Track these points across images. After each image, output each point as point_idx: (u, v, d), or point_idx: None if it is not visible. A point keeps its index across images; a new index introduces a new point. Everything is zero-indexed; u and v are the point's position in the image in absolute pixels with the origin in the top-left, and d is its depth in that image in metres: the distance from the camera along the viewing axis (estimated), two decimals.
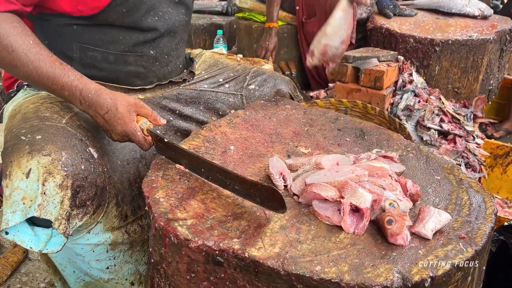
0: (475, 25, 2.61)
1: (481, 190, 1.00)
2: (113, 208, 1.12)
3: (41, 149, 0.97)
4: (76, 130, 1.07)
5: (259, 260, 0.78)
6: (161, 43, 1.32)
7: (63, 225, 0.96)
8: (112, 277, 1.23)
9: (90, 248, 1.14)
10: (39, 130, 1.02)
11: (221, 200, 0.95)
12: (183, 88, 1.42)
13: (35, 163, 0.95)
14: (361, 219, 0.86)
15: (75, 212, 0.99)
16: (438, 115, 2.26)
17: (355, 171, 0.93)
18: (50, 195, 0.94)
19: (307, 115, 1.35)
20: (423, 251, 0.81)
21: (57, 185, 0.95)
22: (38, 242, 0.98)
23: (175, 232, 0.84)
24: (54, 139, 1.00)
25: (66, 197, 0.96)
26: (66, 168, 0.97)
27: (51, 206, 0.94)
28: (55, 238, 0.99)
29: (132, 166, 1.21)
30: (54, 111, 1.11)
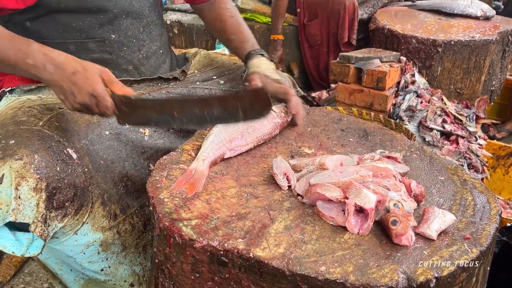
0: (478, 26, 2.61)
1: (485, 191, 1.00)
2: (99, 208, 1.11)
3: (13, 154, 0.96)
4: (54, 131, 1.06)
5: (264, 260, 0.78)
6: (122, 25, 1.27)
7: (39, 228, 0.95)
8: (109, 279, 1.22)
9: (80, 250, 1.13)
10: (13, 135, 1.01)
11: (225, 200, 0.95)
12: (173, 86, 1.39)
13: (7, 168, 0.94)
14: (366, 220, 0.86)
15: (54, 214, 0.98)
16: (440, 116, 2.26)
17: (359, 172, 0.93)
18: (25, 198, 0.94)
19: (310, 116, 1.35)
20: (428, 252, 0.81)
21: (31, 189, 0.95)
22: (20, 246, 0.98)
23: (179, 232, 0.84)
24: (27, 143, 0.99)
25: (41, 199, 0.96)
26: (39, 171, 0.96)
27: (28, 209, 0.94)
28: (36, 241, 1.00)
29: (118, 165, 1.20)
30: (31, 115, 1.10)
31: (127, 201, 1.20)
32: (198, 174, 0.98)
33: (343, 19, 2.67)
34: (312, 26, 2.82)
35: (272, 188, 1.00)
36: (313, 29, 2.81)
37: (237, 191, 0.98)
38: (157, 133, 1.32)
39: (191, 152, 1.11)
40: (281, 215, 0.91)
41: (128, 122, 1.06)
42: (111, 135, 1.20)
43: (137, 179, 1.22)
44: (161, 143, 1.33)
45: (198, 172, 0.99)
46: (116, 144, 1.21)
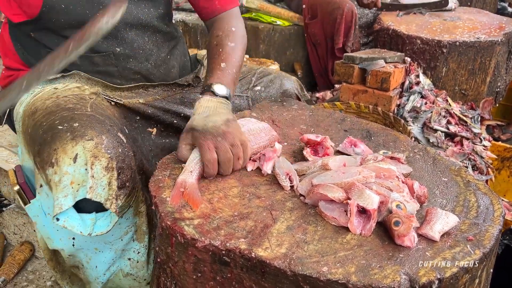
0: (483, 27, 2.60)
1: (488, 192, 0.99)
2: (140, 192, 1.15)
3: (83, 135, 1.00)
4: (103, 117, 1.10)
5: (266, 260, 0.78)
6: (127, 38, 1.25)
7: (114, 205, 1.00)
8: (132, 273, 1.23)
9: (120, 236, 1.15)
10: (72, 119, 1.05)
11: (227, 200, 0.95)
12: (187, 92, 1.41)
13: (80, 148, 0.98)
14: (368, 221, 0.86)
15: (118, 193, 1.02)
16: (445, 117, 2.25)
17: (362, 173, 0.93)
18: (98, 177, 0.98)
19: (314, 116, 1.35)
20: (431, 253, 0.81)
21: (103, 168, 0.99)
22: (85, 226, 1.02)
23: (182, 231, 0.84)
24: (91, 125, 1.03)
25: (113, 178, 1.00)
26: (109, 151, 1.00)
27: (99, 188, 0.98)
28: (100, 221, 1.03)
29: (138, 158, 1.22)
30: (74, 103, 1.14)
31: (145, 193, 1.22)
32: (190, 187, 0.94)
33: (339, 25, 2.66)
34: (313, 25, 2.81)
35: (274, 188, 1.00)
36: (314, 27, 2.81)
37: (240, 190, 0.98)
38: (165, 132, 1.35)
39: None
40: (283, 215, 0.91)
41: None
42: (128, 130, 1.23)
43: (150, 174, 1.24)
44: (168, 142, 1.35)
45: (189, 185, 0.94)
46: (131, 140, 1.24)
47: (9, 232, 1.81)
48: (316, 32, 2.80)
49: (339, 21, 2.65)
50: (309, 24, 2.85)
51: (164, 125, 1.36)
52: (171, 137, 1.38)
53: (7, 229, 1.81)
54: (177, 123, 1.37)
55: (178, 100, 1.38)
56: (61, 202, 0.97)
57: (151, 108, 1.32)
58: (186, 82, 1.42)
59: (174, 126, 1.37)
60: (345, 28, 2.67)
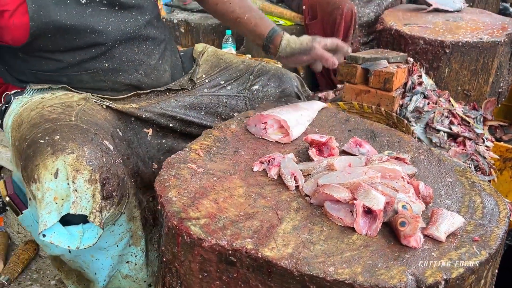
0: (486, 27, 2.60)
1: (494, 193, 0.99)
2: (132, 197, 1.15)
3: (63, 148, 0.98)
4: (87, 125, 1.09)
5: (272, 260, 0.78)
6: (115, 54, 1.24)
7: (98, 218, 0.99)
8: (130, 275, 1.23)
9: (114, 242, 1.15)
10: (54, 131, 1.03)
11: (233, 199, 0.95)
12: (181, 95, 1.39)
13: (61, 163, 0.96)
14: (374, 221, 0.86)
15: (104, 204, 1.01)
16: (447, 118, 2.25)
17: (368, 173, 0.93)
18: (81, 191, 0.97)
19: (318, 116, 1.35)
20: (437, 254, 0.81)
21: (86, 181, 0.97)
22: (73, 240, 1.01)
23: (188, 231, 0.84)
24: (72, 137, 1.02)
25: (97, 190, 0.99)
26: (91, 163, 0.99)
27: (84, 201, 0.97)
28: (88, 233, 1.02)
29: (132, 161, 1.22)
30: (59, 112, 1.12)
31: (139, 195, 1.22)
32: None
33: (339, 25, 2.66)
34: (314, 26, 2.81)
35: (279, 188, 1.00)
36: (314, 28, 2.80)
37: (245, 190, 0.98)
38: (161, 132, 1.33)
39: (199, 152, 1.11)
40: (289, 215, 0.91)
41: None
42: (122, 132, 1.22)
43: (146, 175, 1.24)
44: (164, 142, 1.35)
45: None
46: (126, 142, 1.23)
47: (13, 231, 1.81)
48: (317, 33, 2.80)
49: (339, 21, 2.65)
50: (309, 25, 2.85)
51: (159, 126, 1.35)
52: (167, 137, 1.36)
53: (11, 228, 1.81)
54: (173, 126, 1.35)
55: (173, 104, 1.35)
56: (45, 219, 0.96)
57: (145, 112, 1.30)
58: (180, 86, 1.39)
59: (172, 129, 1.36)
60: (345, 28, 2.67)
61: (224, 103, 1.41)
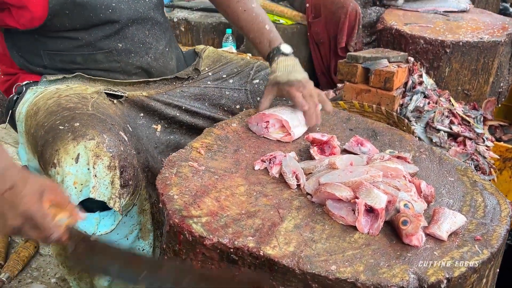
0: (486, 27, 2.60)
1: (495, 192, 0.99)
2: (143, 190, 1.15)
3: (84, 135, 1.00)
4: (104, 116, 1.10)
5: (274, 259, 0.78)
6: (128, 33, 1.28)
7: (118, 203, 1.00)
8: None
9: (125, 234, 1.15)
10: (73, 119, 1.05)
11: (234, 198, 0.95)
12: (187, 86, 1.42)
13: (82, 148, 0.98)
14: (376, 220, 0.86)
15: (122, 191, 1.02)
16: (447, 117, 2.25)
17: (370, 172, 0.93)
18: (101, 176, 0.98)
19: None
20: (439, 253, 0.81)
21: (105, 167, 0.99)
22: (90, 226, 1.01)
23: (189, 229, 0.84)
24: (92, 124, 1.03)
25: (116, 176, 1.00)
26: (111, 150, 1.00)
27: (102, 187, 0.98)
28: (104, 220, 1.03)
29: (142, 156, 1.23)
30: (75, 102, 1.14)
31: (149, 190, 1.22)
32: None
33: (343, 24, 2.66)
34: (316, 24, 2.81)
35: (281, 187, 1.00)
36: (317, 27, 2.80)
37: (246, 189, 0.98)
38: (169, 128, 1.36)
39: (200, 150, 1.11)
40: (290, 213, 0.91)
41: (80, 265, 0.89)
42: (131, 128, 1.23)
43: (156, 171, 1.26)
44: (172, 138, 1.36)
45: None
46: (137, 137, 1.24)
47: None
48: (320, 31, 2.80)
49: (343, 21, 2.65)
50: (312, 23, 2.84)
51: (167, 121, 1.37)
52: (175, 133, 1.39)
53: None
54: (179, 116, 1.37)
55: (178, 94, 1.39)
56: None
57: (153, 101, 1.33)
58: (186, 75, 1.43)
59: (177, 121, 1.37)
60: (349, 27, 2.67)
61: (226, 96, 1.44)
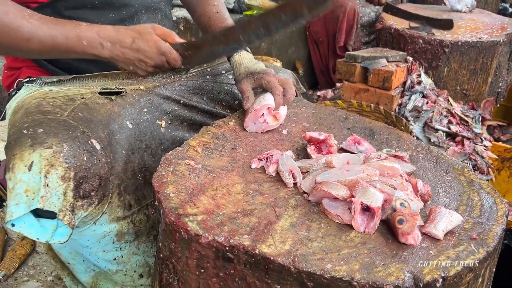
0: (485, 27, 2.60)
1: (492, 192, 0.99)
2: (115, 198, 1.13)
3: (42, 142, 0.98)
4: (78, 122, 1.08)
5: (270, 257, 0.78)
6: (140, 20, 1.30)
7: (68, 216, 0.97)
8: (120, 268, 1.23)
9: (96, 239, 1.14)
10: (40, 124, 1.03)
11: (231, 196, 0.95)
12: (185, 80, 1.42)
13: (37, 156, 0.96)
14: (372, 218, 0.86)
15: (80, 203, 1.00)
16: (446, 117, 2.25)
17: (366, 170, 0.92)
18: (53, 187, 0.95)
19: (316, 114, 1.35)
20: (434, 252, 0.81)
21: (59, 177, 0.96)
22: (44, 233, 0.99)
23: (185, 227, 0.84)
24: (56, 132, 1.01)
25: (69, 188, 0.97)
26: (67, 160, 0.98)
27: (54, 197, 0.96)
28: (61, 229, 1.01)
29: (137, 156, 1.21)
30: (56, 105, 1.12)
31: (144, 192, 1.21)
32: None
33: (342, 23, 2.67)
34: (315, 23, 2.82)
35: (277, 185, 1.00)
36: (316, 26, 2.81)
37: (243, 187, 0.98)
38: (172, 125, 1.34)
39: (197, 148, 1.11)
40: (286, 212, 0.91)
41: (195, 63, 1.19)
42: (131, 125, 1.21)
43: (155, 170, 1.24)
44: (177, 134, 1.35)
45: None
46: (136, 135, 1.22)
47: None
48: (318, 30, 2.80)
49: (341, 20, 2.66)
50: (311, 22, 2.85)
51: (170, 118, 1.35)
52: (179, 130, 1.37)
53: None
54: (177, 110, 1.36)
55: (177, 88, 1.38)
56: (12, 210, 0.95)
57: (152, 95, 1.32)
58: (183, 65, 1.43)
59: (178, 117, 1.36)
60: (347, 26, 2.67)
61: (225, 91, 1.44)
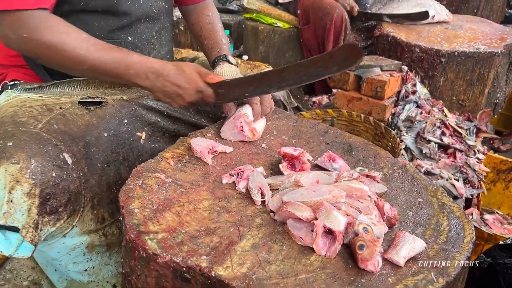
0: (484, 37, 2.56)
1: (462, 216, 0.97)
2: (88, 211, 1.12)
3: (10, 157, 0.97)
4: (51, 135, 1.07)
5: (225, 280, 0.77)
6: (138, 29, 1.31)
7: (31, 233, 0.96)
8: (92, 280, 1.23)
9: (66, 252, 1.14)
10: (11, 137, 1.02)
11: (196, 213, 0.94)
12: None
13: (2, 171, 0.95)
14: (333, 242, 0.85)
15: (47, 219, 0.99)
16: (439, 128, 2.22)
17: (332, 192, 0.91)
18: (18, 203, 0.95)
19: (297, 127, 1.34)
20: (393, 279, 0.80)
21: (24, 193, 0.95)
22: (9, 246, 0.98)
23: (144, 245, 0.83)
24: (25, 146, 1.00)
25: (34, 205, 0.96)
26: (34, 176, 0.96)
27: (18, 213, 0.95)
28: (25, 243, 0.99)
29: (113, 168, 1.20)
30: (31, 115, 1.10)
31: (117, 205, 1.20)
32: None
33: (329, 31, 2.66)
34: (306, 30, 2.81)
35: (246, 203, 0.99)
36: (307, 33, 2.80)
37: (210, 204, 0.98)
38: (153, 137, 1.33)
39: (170, 161, 1.10)
40: (250, 231, 0.90)
41: (227, 100, 1.25)
42: (109, 137, 1.21)
43: None
44: (157, 146, 1.34)
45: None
46: (113, 147, 1.21)
47: None
48: (309, 38, 2.79)
49: (329, 27, 2.65)
50: (302, 30, 2.84)
51: (151, 129, 1.34)
52: (160, 142, 1.36)
53: None
54: (160, 122, 1.35)
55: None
56: None
57: (134, 105, 1.31)
58: None
59: (160, 128, 1.35)
60: (335, 34, 2.67)
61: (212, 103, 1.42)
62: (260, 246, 0.86)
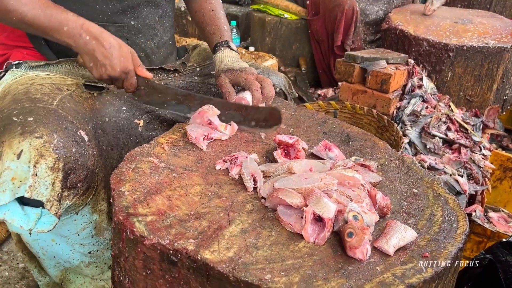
0: (494, 32, 2.52)
1: (456, 208, 0.96)
2: (101, 190, 1.13)
3: (33, 131, 0.98)
4: (67, 112, 1.08)
5: (210, 264, 0.77)
6: (142, 13, 1.31)
7: (55, 206, 0.98)
8: (93, 261, 1.24)
9: (76, 231, 1.15)
10: (30, 112, 1.03)
11: (187, 198, 0.94)
12: (172, 79, 1.41)
13: (26, 145, 0.96)
14: (323, 229, 0.84)
15: (66, 194, 1.00)
16: (445, 123, 2.19)
17: (324, 179, 0.90)
18: (42, 177, 0.96)
19: (295, 116, 1.33)
20: (381, 268, 0.78)
21: (48, 168, 0.97)
22: (28, 221, 1.00)
23: (132, 227, 0.83)
24: (46, 121, 1.01)
25: (58, 179, 0.98)
26: (57, 151, 0.98)
27: (42, 187, 0.96)
28: (45, 217, 1.01)
29: (116, 152, 1.22)
30: (44, 93, 1.12)
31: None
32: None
33: (340, 22, 2.62)
34: (316, 21, 2.77)
35: (238, 189, 0.99)
36: (316, 24, 2.77)
37: (202, 189, 0.97)
38: (150, 124, 1.33)
39: (164, 146, 1.10)
40: (240, 217, 0.89)
41: (143, 100, 1.23)
42: (110, 122, 1.22)
43: None
44: (154, 134, 1.34)
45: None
46: (114, 132, 1.23)
47: None
48: (319, 29, 2.76)
49: (339, 18, 2.61)
50: (312, 21, 2.81)
51: (148, 117, 1.35)
52: (157, 130, 1.37)
53: None
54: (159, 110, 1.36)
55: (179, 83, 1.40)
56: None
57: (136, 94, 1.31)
58: (172, 67, 1.42)
59: (157, 117, 1.36)
60: (345, 25, 2.63)
61: (212, 92, 1.44)
62: (249, 231, 0.86)
